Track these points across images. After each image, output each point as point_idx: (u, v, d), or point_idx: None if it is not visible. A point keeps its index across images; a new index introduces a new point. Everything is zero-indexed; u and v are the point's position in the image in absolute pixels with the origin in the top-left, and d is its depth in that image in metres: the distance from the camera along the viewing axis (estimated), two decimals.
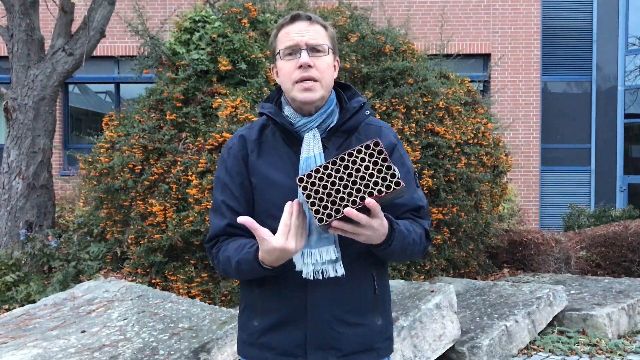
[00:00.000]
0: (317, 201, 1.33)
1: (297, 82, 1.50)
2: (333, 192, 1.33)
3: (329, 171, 1.35)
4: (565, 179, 10.66)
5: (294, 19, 1.53)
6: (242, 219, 1.38)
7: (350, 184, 1.33)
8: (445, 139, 5.13)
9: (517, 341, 3.99)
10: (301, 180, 1.34)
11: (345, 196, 1.32)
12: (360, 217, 1.31)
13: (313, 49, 1.51)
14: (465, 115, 5.51)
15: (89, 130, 8.64)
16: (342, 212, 1.31)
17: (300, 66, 1.48)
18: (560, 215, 9.62)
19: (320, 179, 1.34)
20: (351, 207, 1.31)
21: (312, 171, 1.35)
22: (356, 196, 1.32)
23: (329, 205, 1.33)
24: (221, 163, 1.62)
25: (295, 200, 1.38)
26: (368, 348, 1.56)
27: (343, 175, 1.34)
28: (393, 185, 1.31)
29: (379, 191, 1.32)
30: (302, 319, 1.51)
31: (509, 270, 6.05)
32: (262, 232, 1.38)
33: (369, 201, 1.30)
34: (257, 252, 1.42)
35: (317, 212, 1.33)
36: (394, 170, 1.32)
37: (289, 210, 1.37)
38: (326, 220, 1.32)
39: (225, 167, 1.60)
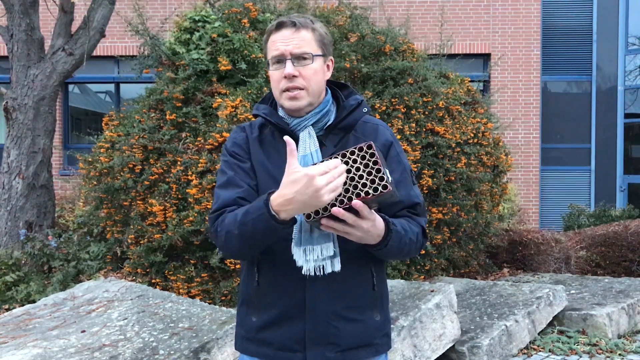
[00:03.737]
0: None
1: (283, 92, 1.53)
2: None
3: None
4: (565, 178, 10.66)
5: (280, 26, 1.55)
6: (287, 139, 1.34)
7: None
8: (445, 139, 5.13)
9: (517, 341, 3.99)
10: None
11: None
12: (347, 216, 1.33)
13: (298, 58, 1.52)
14: (465, 115, 5.50)
15: (89, 130, 8.65)
16: (329, 210, 1.33)
17: (285, 76, 1.51)
18: (560, 215, 9.62)
19: None
20: (339, 206, 1.33)
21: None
22: (344, 196, 1.34)
23: None
24: (225, 152, 1.63)
25: (345, 168, 1.34)
26: (366, 344, 1.57)
27: None
28: (380, 189, 1.33)
29: (366, 193, 1.34)
30: (300, 314, 1.52)
31: (509, 270, 6.04)
32: (295, 160, 1.34)
33: (355, 202, 1.32)
34: (270, 196, 1.38)
35: None
36: (384, 173, 1.34)
37: (335, 163, 1.33)
38: (313, 217, 1.34)
39: (229, 153, 1.60)
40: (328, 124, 1.58)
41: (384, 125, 1.66)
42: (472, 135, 5.41)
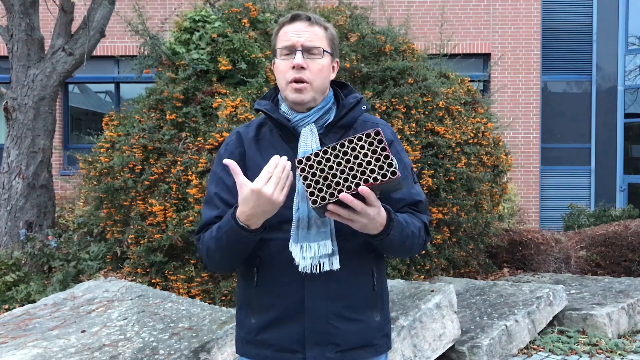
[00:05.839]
0: (313, 184, 1.35)
1: (289, 82, 1.53)
2: (329, 177, 1.34)
3: (327, 156, 1.36)
4: (565, 178, 10.66)
5: (294, 18, 1.56)
6: (228, 161, 1.40)
7: (347, 170, 1.34)
8: (445, 139, 5.13)
9: (517, 341, 3.99)
10: (300, 162, 1.36)
11: (341, 181, 1.34)
12: (355, 202, 1.32)
13: (308, 51, 1.53)
14: (465, 115, 5.51)
15: (89, 130, 8.65)
16: (336, 196, 1.32)
17: (294, 67, 1.52)
18: (560, 215, 9.62)
19: (319, 163, 1.36)
20: (346, 192, 1.32)
21: (311, 154, 1.36)
22: (352, 182, 1.33)
23: (324, 189, 1.34)
24: (218, 158, 1.65)
25: (286, 160, 1.39)
26: (366, 344, 1.57)
27: (341, 161, 1.35)
28: (389, 175, 1.32)
29: (375, 179, 1.32)
30: (299, 314, 1.52)
31: (509, 269, 6.05)
32: (242, 177, 1.39)
33: (362, 188, 1.31)
34: (236, 211, 1.43)
35: (311, 194, 1.34)
36: (392, 159, 1.33)
37: (274, 161, 1.38)
38: (319, 203, 1.33)
39: (221, 162, 1.60)
40: (328, 121, 1.58)
41: (384, 124, 1.66)
42: (472, 135, 5.41)
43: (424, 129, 5.12)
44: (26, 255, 5.17)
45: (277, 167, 1.37)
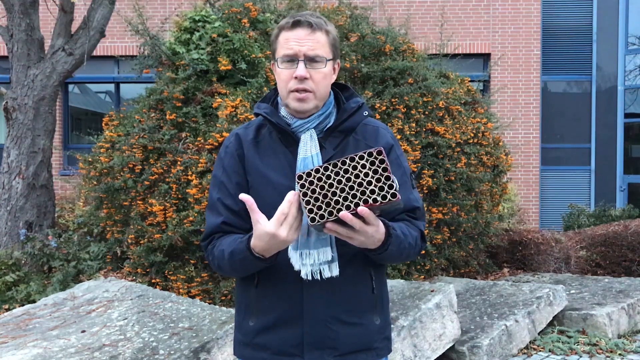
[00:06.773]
0: (312, 200, 1.33)
1: (292, 92, 1.51)
2: (329, 194, 1.33)
3: (328, 172, 1.35)
4: (565, 178, 10.66)
5: (295, 25, 1.51)
6: (244, 197, 1.38)
7: (347, 189, 1.33)
8: (445, 139, 5.13)
9: (517, 341, 3.99)
10: (300, 177, 1.35)
11: (340, 200, 1.33)
12: (355, 221, 1.31)
13: (311, 60, 1.50)
14: (465, 115, 5.51)
15: (89, 130, 8.65)
16: (336, 215, 1.31)
17: (296, 77, 1.49)
18: (560, 215, 9.62)
19: (319, 179, 1.34)
20: (345, 211, 1.31)
21: (312, 170, 1.35)
22: (351, 201, 1.32)
23: (323, 206, 1.33)
24: (218, 162, 1.63)
25: (297, 192, 1.37)
26: (366, 347, 1.55)
27: (341, 179, 1.34)
28: (389, 197, 1.31)
29: (374, 200, 1.31)
30: (298, 318, 1.51)
31: (509, 269, 6.05)
32: (258, 214, 1.37)
33: (362, 209, 1.30)
34: (250, 241, 1.42)
35: (310, 211, 1.33)
36: (393, 181, 1.32)
37: (289, 200, 1.36)
38: (318, 221, 1.32)
39: (222, 165, 1.61)
40: (328, 126, 1.56)
41: (385, 128, 1.64)
42: (472, 135, 5.41)
43: (424, 129, 5.12)
44: (26, 255, 5.17)
45: (292, 206, 1.36)
